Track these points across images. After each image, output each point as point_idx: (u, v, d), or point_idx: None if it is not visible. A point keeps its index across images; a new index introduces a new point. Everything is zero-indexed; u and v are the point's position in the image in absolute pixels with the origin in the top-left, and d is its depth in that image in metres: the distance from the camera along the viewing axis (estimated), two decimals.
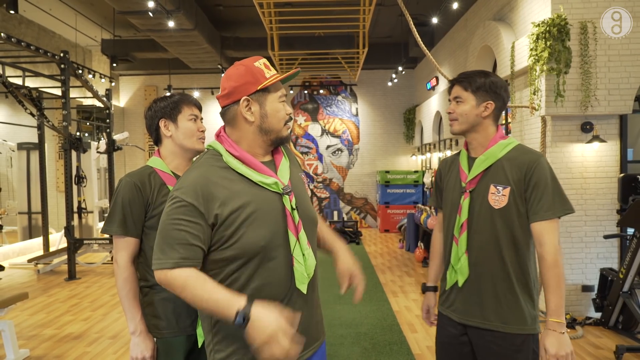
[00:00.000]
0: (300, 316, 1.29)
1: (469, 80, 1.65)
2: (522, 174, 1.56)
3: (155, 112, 1.70)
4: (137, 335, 1.57)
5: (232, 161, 1.28)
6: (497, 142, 1.63)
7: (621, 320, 3.82)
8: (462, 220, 1.63)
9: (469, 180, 1.65)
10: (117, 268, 1.60)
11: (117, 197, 1.62)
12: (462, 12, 6.59)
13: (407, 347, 3.62)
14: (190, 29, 6.90)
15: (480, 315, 1.62)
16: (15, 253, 7.56)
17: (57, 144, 9.62)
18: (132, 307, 1.58)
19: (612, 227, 4.23)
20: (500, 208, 1.58)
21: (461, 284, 1.64)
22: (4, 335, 3.42)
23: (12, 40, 5.16)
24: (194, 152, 1.73)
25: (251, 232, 1.22)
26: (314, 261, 1.33)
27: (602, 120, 4.24)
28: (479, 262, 1.62)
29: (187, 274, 1.19)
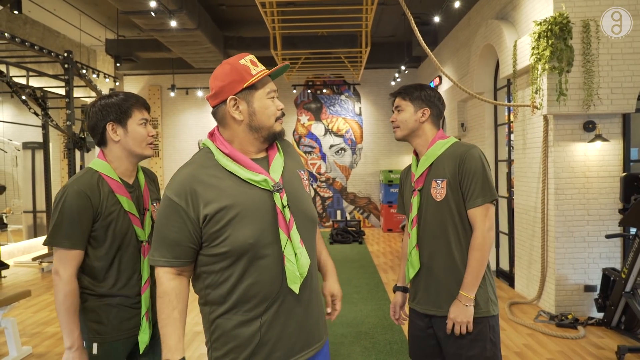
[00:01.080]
0: (293, 317, 1.30)
1: (407, 91, 1.85)
2: (456, 165, 1.71)
3: (102, 114, 1.59)
4: (73, 351, 1.52)
5: (222, 159, 1.28)
6: (436, 142, 1.81)
7: (623, 320, 3.80)
8: (412, 216, 1.81)
9: (416, 180, 1.83)
10: (58, 281, 1.51)
11: (63, 207, 1.51)
12: (465, 11, 6.57)
13: (407, 347, 3.61)
14: (193, 28, 6.92)
15: (436, 304, 1.76)
16: (20, 251, 7.63)
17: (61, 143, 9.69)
18: (70, 322, 1.52)
19: (614, 226, 4.20)
20: (441, 200, 1.74)
21: (412, 276, 1.81)
22: (7, 332, 3.45)
23: (16, 40, 5.20)
24: (141, 158, 1.66)
25: (239, 230, 1.22)
26: (307, 260, 1.29)
27: (605, 119, 4.21)
28: (430, 254, 1.77)
29: (168, 288, 1.27)
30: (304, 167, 1.48)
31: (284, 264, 1.27)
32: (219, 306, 1.28)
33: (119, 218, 1.58)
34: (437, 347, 1.82)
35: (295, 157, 1.46)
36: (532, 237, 4.64)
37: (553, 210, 4.26)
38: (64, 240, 1.51)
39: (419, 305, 1.83)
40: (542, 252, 4.39)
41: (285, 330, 1.29)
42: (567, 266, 4.25)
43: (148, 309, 1.64)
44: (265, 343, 1.27)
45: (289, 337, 1.30)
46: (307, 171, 1.48)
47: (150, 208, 1.70)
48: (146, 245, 1.65)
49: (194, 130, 10.88)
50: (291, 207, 1.30)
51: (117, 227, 1.58)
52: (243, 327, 1.26)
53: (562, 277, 4.25)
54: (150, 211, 1.69)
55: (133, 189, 1.66)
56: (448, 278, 1.74)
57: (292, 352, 1.30)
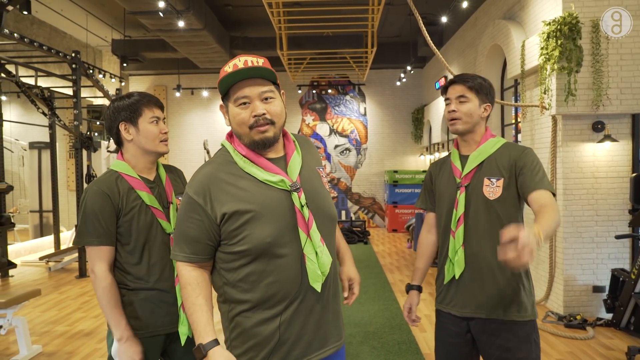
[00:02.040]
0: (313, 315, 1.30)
1: (473, 80, 1.71)
2: (513, 161, 1.65)
3: (115, 115, 1.64)
4: (124, 342, 1.55)
5: (239, 160, 1.29)
6: (488, 140, 1.73)
7: (633, 321, 3.78)
8: (459, 214, 1.69)
9: (464, 176, 1.71)
10: (95, 278, 1.57)
11: (85, 208, 1.58)
12: (472, 11, 6.57)
13: (416, 347, 3.62)
14: (200, 28, 6.94)
15: (481, 307, 1.66)
16: (26, 251, 7.66)
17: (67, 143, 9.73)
18: (115, 315, 1.56)
19: (623, 227, 4.19)
20: (496, 199, 1.65)
21: (458, 276, 1.70)
22: (17, 331, 3.47)
23: (25, 40, 5.23)
24: (157, 155, 1.70)
25: (257, 229, 1.23)
26: (329, 259, 1.29)
27: (614, 119, 4.20)
28: (477, 253, 1.67)
29: (190, 278, 1.28)
30: (321, 163, 1.46)
31: (305, 263, 1.27)
32: (238, 304, 1.28)
33: (141, 212, 1.63)
34: (471, 354, 1.73)
35: (314, 154, 1.45)
36: None
37: (561, 210, 4.25)
38: (92, 238, 1.57)
39: (457, 309, 1.72)
40: (550, 252, 4.38)
41: (304, 329, 1.29)
42: (575, 267, 4.24)
43: None
44: (284, 341, 1.27)
45: (308, 335, 1.30)
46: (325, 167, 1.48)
47: (175, 201, 1.73)
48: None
49: (199, 130, 10.90)
50: (310, 205, 1.29)
51: (140, 221, 1.62)
52: (263, 325, 1.26)
53: (571, 278, 4.24)
54: (175, 204, 1.73)
55: (154, 184, 1.70)
56: (497, 280, 1.65)
57: (310, 350, 1.30)
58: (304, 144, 1.44)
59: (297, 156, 1.35)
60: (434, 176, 1.87)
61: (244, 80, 1.25)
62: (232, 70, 1.24)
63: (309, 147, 1.46)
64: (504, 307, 1.64)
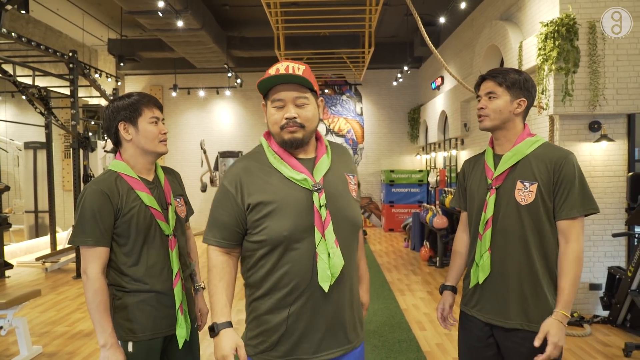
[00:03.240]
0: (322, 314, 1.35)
1: (504, 75, 1.63)
2: (551, 170, 1.55)
3: (114, 115, 1.62)
4: (107, 349, 1.52)
5: (271, 156, 1.39)
6: (525, 139, 1.62)
7: (629, 318, 3.84)
8: (487, 217, 1.62)
9: (495, 177, 1.63)
10: (86, 280, 1.53)
11: (83, 207, 1.55)
12: (469, 12, 6.61)
13: (416, 345, 3.65)
14: (198, 28, 6.94)
15: (505, 314, 1.60)
16: (22, 251, 7.61)
17: (62, 143, 9.68)
18: (102, 320, 1.52)
19: (620, 225, 4.24)
20: (528, 204, 1.56)
21: (482, 281, 1.64)
22: (17, 331, 3.45)
23: (23, 40, 5.20)
24: (156, 155, 1.68)
25: (276, 222, 1.32)
26: (340, 262, 1.32)
27: (610, 119, 4.26)
28: (504, 259, 1.60)
29: (217, 262, 1.40)
30: (355, 172, 1.49)
31: (316, 261, 1.31)
32: (256, 290, 1.38)
33: (140, 213, 1.60)
34: (494, 357, 1.67)
35: (346, 161, 1.49)
36: None
37: None
38: (87, 238, 1.53)
39: (481, 314, 1.66)
40: None
41: (312, 326, 1.34)
42: None
43: (182, 302, 1.65)
44: (291, 333, 1.34)
45: (316, 333, 1.34)
46: (356, 176, 1.49)
47: (173, 203, 1.71)
48: (172, 239, 1.66)
49: (195, 130, 10.89)
50: (331, 207, 1.34)
51: (140, 221, 1.60)
52: (273, 314, 1.35)
53: None
54: (173, 206, 1.71)
55: (153, 185, 1.68)
56: (523, 288, 1.58)
57: (320, 348, 1.35)
58: (337, 151, 1.49)
59: (326, 159, 1.40)
60: (466, 174, 1.80)
61: (282, 84, 1.34)
62: (274, 73, 1.34)
63: (343, 154, 1.50)
64: (529, 317, 1.57)
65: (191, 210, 1.87)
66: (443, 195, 7.09)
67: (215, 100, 10.93)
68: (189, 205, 1.86)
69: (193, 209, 1.90)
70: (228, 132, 11.00)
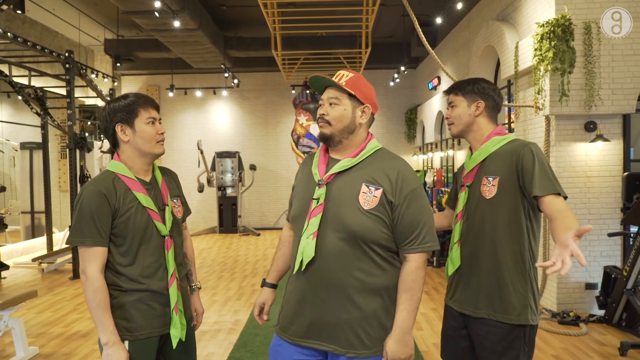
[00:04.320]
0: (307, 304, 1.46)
1: (459, 85, 1.82)
2: (513, 162, 1.63)
3: (111, 116, 1.63)
4: (110, 346, 1.53)
5: (316, 153, 1.61)
6: (491, 138, 1.74)
7: (625, 317, 3.86)
8: (458, 212, 1.77)
9: (465, 175, 1.78)
10: (85, 280, 1.54)
11: (81, 207, 1.55)
12: (465, 12, 6.63)
13: None
14: (195, 28, 6.93)
15: (473, 304, 1.70)
16: (18, 252, 7.58)
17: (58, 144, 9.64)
18: (103, 318, 1.53)
19: (615, 225, 4.27)
20: (491, 198, 1.66)
21: (451, 273, 1.78)
22: (14, 332, 3.44)
23: (19, 40, 5.18)
24: (153, 156, 1.68)
25: (293, 204, 1.61)
26: (310, 254, 1.42)
27: (606, 119, 4.28)
28: (473, 251, 1.71)
29: (283, 236, 1.74)
30: (381, 185, 1.43)
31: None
32: None
33: (137, 213, 1.61)
34: (468, 349, 1.76)
35: (373, 172, 1.45)
36: None
37: None
38: (86, 238, 1.54)
39: (456, 303, 1.77)
40: (544, 250, 4.45)
41: (301, 310, 1.48)
42: None
43: (177, 302, 1.65)
44: (287, 310, 1.54)
45: (304, 319, 1.47)
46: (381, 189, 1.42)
47: (170, 204, 1.72)
48: (169, 240, 1.66)
49: (192, 131, 10.88)
50: (328, 206, 1.45)
51: (136, 222, 1.60)
52: (288, 286, 1.58)
53: (564, 276, 4.28)
54: (170, 207, 1.71)
55: (150, 186, 1.69)
56: (489, 279, 1.66)
57: (307, 334, 1.47)
58: (376, 160, 1.48)
59: (347, 162, 1.47)
60: (456, 177, 1.97)
61: (328, 87, 1.54)
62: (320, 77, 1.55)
63: (377, 163, 1.47)
64: (494, 307, 1.64)
65: (188, 211, 1.88)
66: (440, 195, 7.10)
67: (212, 101, 10.92)
68: (185, 206, 1.86)
69: (190, 209, 1.91)
70: (225, 133, 10.99)
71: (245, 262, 7.15)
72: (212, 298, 5.13)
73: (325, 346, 1.44)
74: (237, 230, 10.23)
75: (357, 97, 1.50)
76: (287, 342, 1.50)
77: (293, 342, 1.49)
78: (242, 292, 5.39)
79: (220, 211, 10.34)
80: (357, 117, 1.50)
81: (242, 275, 6.29)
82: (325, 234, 1.42)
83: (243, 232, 10.18)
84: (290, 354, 1.49)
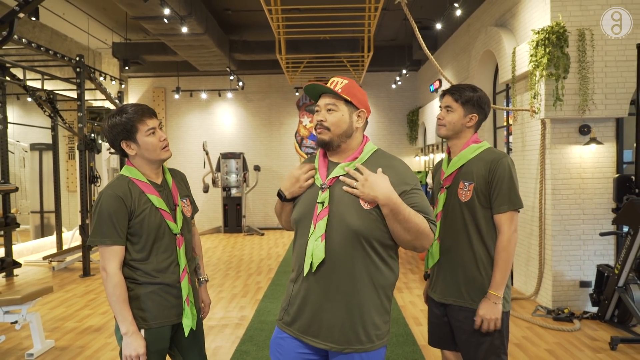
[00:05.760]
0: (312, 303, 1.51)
1: (460, 92, 1.92)
2: (487, 171, 1.85)
3: (114, 134, 1.74)
4: (129, 336, 1.67)
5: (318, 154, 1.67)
6: (469, 146, 1.93)
7: (616, 314, 4.00)
8: (437, 212, 1.95)
9: (445, 178, 1.96)
10: (106, 276, 1.69)
11: (101, 210, 1.69)
12: (465, 18, 6.77)
13: (412, 339, 3.81)
14: (201, 33, 7.10)
15: (454, 294, 1.91)
16: (29, 251, 7.78)
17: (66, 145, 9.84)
18: (122, 310, 1.68)
19: (608, 225, 4.40)
20: (467, 201, 1.87)
21: (430, 266, 1.97)
22: (31, 326, 3.61)
23: (33, 45, 5.37)
24: (161, 161, 1.82)
25: (296, 207, 1.62)
26: (320, 254, 1.46)
27: (599, 123, 4.42)
28: (451, 247, 1.91)
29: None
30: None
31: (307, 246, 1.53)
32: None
33: (151, 214, 1.76)
34: (451, 334, 1.98)
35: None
36: (530, 236, 4.84)
37: (550, 209, 4.47)
38: (106, 238, 1.69)
39: (436, 294, 1.98)
40: (540, 249, 4.59)
41: (303, 307, 1.52)
42: (563, 263, 4.45)
43: (188, 295, 1.81)
44: (291, 308, 1.56)
45: (306, 316, 1.52)
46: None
47: (180, 204, 1.87)
48: (180, 237, 1.82)
49: (198, 132, 11.05)
50: (333, 209, 1.50)
51: (150, 222, 1.75)
52: (291, 284, 1.60)
53: (559, 274, 4.46)
54: (180, 207, 1.86)
55: (162, 188, 1.84)
56: (466, 272, 1.88)
57: (307, 331, 1.52)
58: (374, 161, 1.55)
59: (345, 165, 1.54)
60: (433, 177, 2.15)
61: (323, 94, 1.60)
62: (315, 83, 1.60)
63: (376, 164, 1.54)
64: (471, 297, 1.87)
65: (196, 209, 2.02)
66: None
67: (217, 103, 11.09)
68: (194, 205, 2.01)
69: (197, 207, 2.05)
70: (230, 134, 11.16)
71: (250, 261, 7.32)
72: (218, 295, 5.30)
73: (322, 344, 1.49)
74: (241, 230, 10.40)
75: (352, 102, 1.56)
76: (290, 335, 1.55)
77: (297, 336, 1.53)
78: (248, 289, 5.55)
79: (225, 211, 10.51)
80: (354, 122, 1.56)
81: (247, 273, 6.46)
82: (332, 236, 1.47)
83: (247, 231, 10.35)
84: (293, 347, 1.54)
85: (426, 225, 1.47)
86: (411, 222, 1.44)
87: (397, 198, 1.44)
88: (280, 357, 1.57)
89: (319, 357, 1.55)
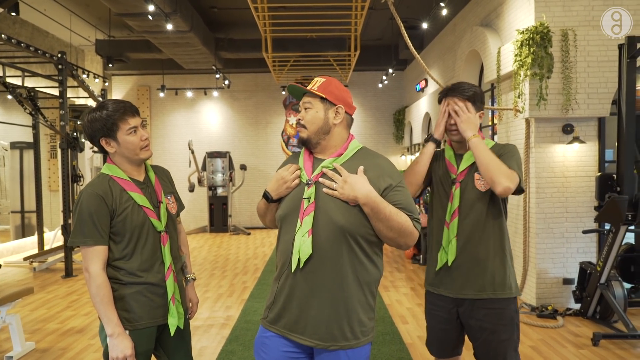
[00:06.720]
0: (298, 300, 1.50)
1: (472, 93, 1.89)
2: (498, 155, 1.84)
3: (93, 129, 1.69)
4: (115, 337, 1.63)
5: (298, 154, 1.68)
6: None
7: (599, 310, 4.06)
8: (454, 207, 1.87)
9: (459, 172, 1.90)
10: (89, 277, 1.64)
11: (81, 209, 1.65)
12: (451, 17, 6.82)
13: (399, 337, 3.82)
14: (186, 30, 7.03)
15: (474, 287, 1.85)
16: (9, 251, 7.61)
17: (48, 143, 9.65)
18: (107, 312, 1.64)
19: (591, 223, 4.48)
20: (487, 190, 1.85)
21: (450, 263, 1.88)
22: (11, 328, 3.53)
23: (13, 41, 5.24)
24: (141, 160, 1.78)
25: (282, 204, 1.60)
26: (307, 251, 1.46)
27: (582, 122, 4.49)
28: (468, 242, 1.86)
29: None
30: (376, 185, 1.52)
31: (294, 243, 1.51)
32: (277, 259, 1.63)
33: (133, 212, 1.72)
34: (458, 339, 1.92)
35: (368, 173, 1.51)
36: (514, 234, 4.89)
37: (534, 208, 4.52)
38: (87, 239, 1.64)
39: (448, 291, 1.89)
40: (524, 247, 4.65)
41: (289, 304, 1.51)
42: (547, 261, 4.51)
43: (174, 293, 1.77)
44: (276, 305, 1.55)
45: (291, 313, 1.51)
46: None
47: (164, 201, 1.83)
48: (164, 235, 1.78)
49: (183, 131, 10.94)
50: (319, 205, 1.50)
51: (133, 220, 1.71)
52: (274, 282, 1.60)
53: (543, 271, 4.51)
54: (164, 204, 1.82)
55: (144, 185, 1.80)
56: (484, 266, 1.84)
57: (294, 328, 1.51)
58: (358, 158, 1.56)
59: (330, 161, 1.54)
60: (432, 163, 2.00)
61: (305, 95, 1.61)
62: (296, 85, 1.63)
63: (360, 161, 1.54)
64: (492, 287, 1.84)
65: (182, 206, 1.98)
66: (426, 194, 7.29)
67: (203, 101, 11.00)
68: (179, 202, 1.97)
69: (183, 205, 2.02)
70: (216, 133, 11.08)
71: (236, 261, 7.27)
72: (204, 295, 5.25)
73: (308, 341, 1.48)
74: (227, 229, 10.33)
75: (328, 99, 1.56)
76: (275, 333, 1.54)
77: (282, 334, 1.52)
78: (234, 289, 5.51)
79: (210, 211, 10.43)
80: (331, 118, 1.55)
81: (233, 273, 6.41)
82: (319, 232, 1.47)
83: (233, 231, 10.28)
84: (278, 346, 1.53)
85: (409, 223, 1.48)
86: (393, 221, 1.46)
87: (377, 197, 1.45)
88: (264, 356, 1.55)
89: (304, 354, 1.54)
